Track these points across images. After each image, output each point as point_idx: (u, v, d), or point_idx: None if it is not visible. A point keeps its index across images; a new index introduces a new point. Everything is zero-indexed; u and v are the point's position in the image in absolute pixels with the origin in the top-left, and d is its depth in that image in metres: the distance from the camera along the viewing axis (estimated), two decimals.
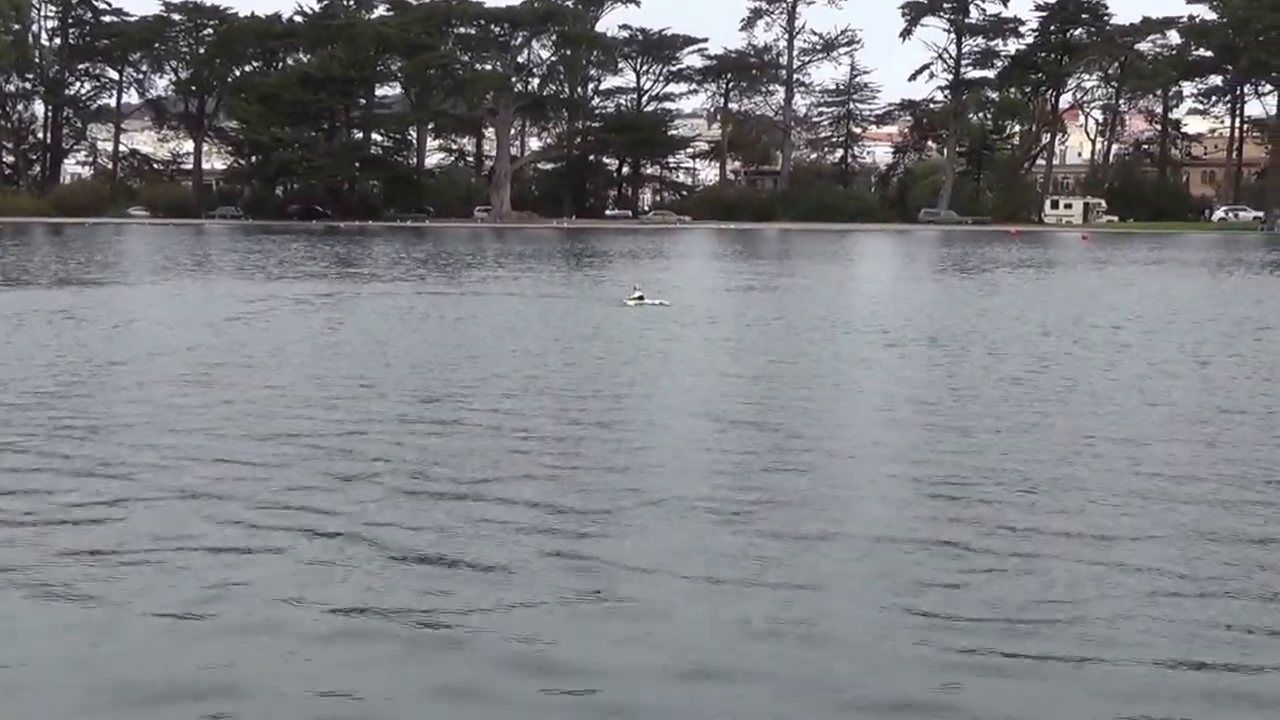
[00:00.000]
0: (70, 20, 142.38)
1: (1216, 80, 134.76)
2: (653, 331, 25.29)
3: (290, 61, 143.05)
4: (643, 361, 20.73)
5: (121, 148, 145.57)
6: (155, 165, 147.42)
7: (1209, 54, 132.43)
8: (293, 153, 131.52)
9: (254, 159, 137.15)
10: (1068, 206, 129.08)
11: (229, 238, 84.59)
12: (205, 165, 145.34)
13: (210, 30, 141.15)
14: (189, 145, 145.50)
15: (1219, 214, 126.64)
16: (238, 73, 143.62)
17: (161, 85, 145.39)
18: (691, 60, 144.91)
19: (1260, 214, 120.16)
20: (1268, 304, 34.31)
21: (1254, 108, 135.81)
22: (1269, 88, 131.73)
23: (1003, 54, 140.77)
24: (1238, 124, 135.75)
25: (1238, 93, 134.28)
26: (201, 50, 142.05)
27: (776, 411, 15.65)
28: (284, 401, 16.22)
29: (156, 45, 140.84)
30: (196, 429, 14.15)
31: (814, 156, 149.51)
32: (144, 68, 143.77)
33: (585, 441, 13.56)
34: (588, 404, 16.12)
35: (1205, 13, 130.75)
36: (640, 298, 30.68)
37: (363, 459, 12.62)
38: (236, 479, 11.61)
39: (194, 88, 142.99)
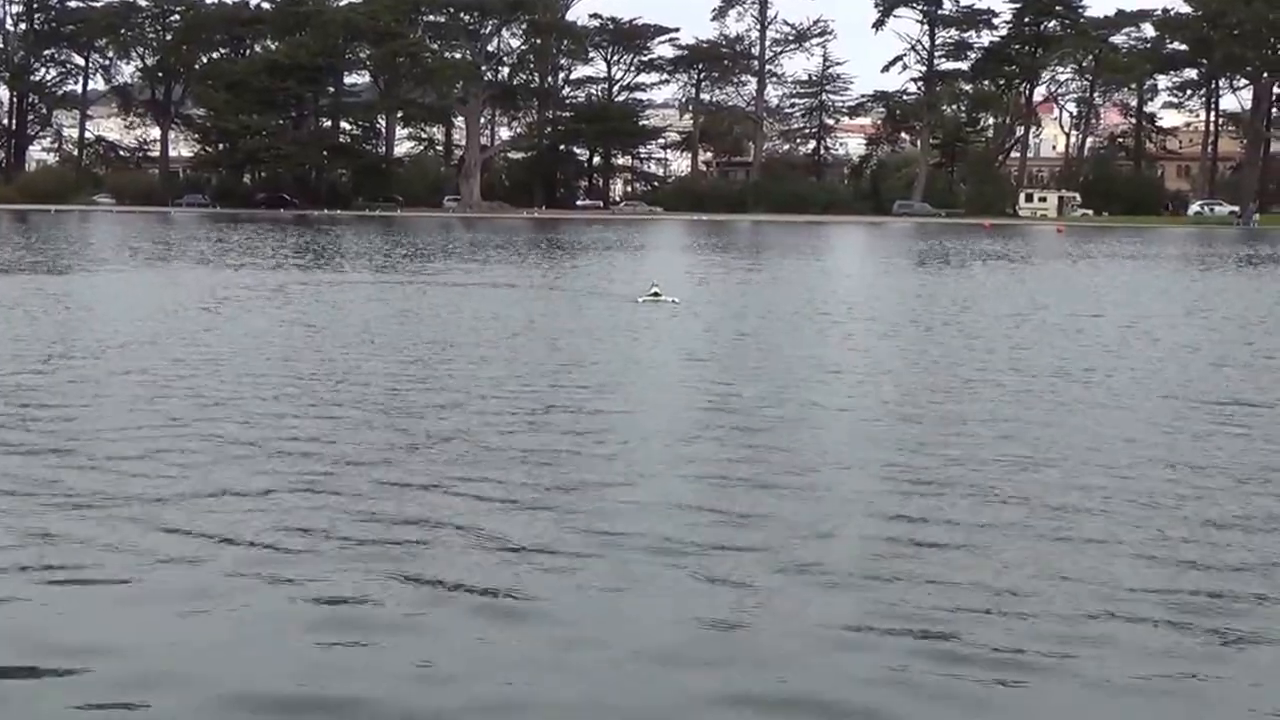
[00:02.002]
0: (36, 5, 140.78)
1: (1191, 74, 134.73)
2: (679, 331, 23.66)
3: (258, 49, 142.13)
4: (677, 364, 19.02)
5: (87, 134, 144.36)
6: (121, 152, 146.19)
7: (1183, 47, 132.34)
8: (260, 141, 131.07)
9: (221, 147, 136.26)
10: (1042, 200, 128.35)
11: (196, 226, 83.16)
12: (172, 153, 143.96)
13: (177, 16, 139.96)
14: (155, 132, 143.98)
15: (1194, 208, 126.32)
16: (205, 60, 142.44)
17: (128, 72, 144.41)
18: (663, 50, 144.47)
19: (1235, 208, 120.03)
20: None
21: (1229, 102, 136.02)
22: (1244, 82, 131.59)
23: (976, 46, 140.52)
24: (1213, 118, 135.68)
25: (1212, 86, 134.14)
26: (168, 37, 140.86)
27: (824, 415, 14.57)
28: (263, 392, 15.28)
29: (123, 31, 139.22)
30: (155, 422, 13.27)
31: (786, 148, 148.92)
32: (110, 54, 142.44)
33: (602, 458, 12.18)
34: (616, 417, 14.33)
35: (1179, 6, 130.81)
36: (656, 294, 29.42)
37: (359, 446, 12.11)
38: (194, 474, 10.85)
39: (160, 74, 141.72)
